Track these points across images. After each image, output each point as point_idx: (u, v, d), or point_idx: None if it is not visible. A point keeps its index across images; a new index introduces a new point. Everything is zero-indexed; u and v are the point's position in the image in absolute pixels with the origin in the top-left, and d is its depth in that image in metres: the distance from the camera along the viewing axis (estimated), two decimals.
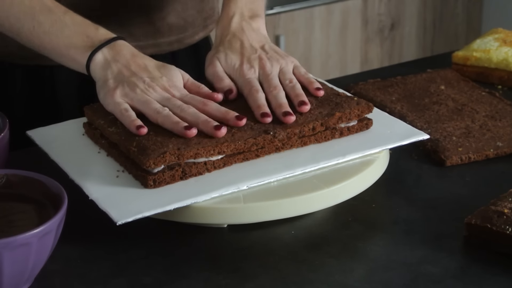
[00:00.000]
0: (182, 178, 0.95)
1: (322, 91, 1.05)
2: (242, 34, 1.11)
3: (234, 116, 0.98)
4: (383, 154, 1.02)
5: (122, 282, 0.88)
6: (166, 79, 1.03)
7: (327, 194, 0.95)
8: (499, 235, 0.90)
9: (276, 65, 1.08)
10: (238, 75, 1.07)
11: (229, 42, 1.10)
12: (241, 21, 1.12)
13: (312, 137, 1.01)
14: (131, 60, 1.03)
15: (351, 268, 0.90)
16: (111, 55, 1.03)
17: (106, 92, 1.01)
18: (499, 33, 1.37)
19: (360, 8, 2.77)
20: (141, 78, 1.01)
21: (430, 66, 1.35)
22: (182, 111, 0.98)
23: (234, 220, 0.93)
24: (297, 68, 1.09)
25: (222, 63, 1.09)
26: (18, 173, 0.90)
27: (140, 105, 0.99)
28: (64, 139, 1.05)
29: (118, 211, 0.89)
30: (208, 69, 1.09)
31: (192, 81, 1.05)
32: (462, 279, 0.88)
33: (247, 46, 1.09)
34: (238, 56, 1.08)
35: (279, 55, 1.09)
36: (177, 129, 0.96)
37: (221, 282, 0.88)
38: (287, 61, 1.09)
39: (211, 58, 1.10)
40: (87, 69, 1.04)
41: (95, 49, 1.03)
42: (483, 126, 1.15)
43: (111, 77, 1.02)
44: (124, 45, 1.05)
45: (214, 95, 1.03)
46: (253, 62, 1.08)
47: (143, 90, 1.00)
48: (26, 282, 0.85)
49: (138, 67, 1.03)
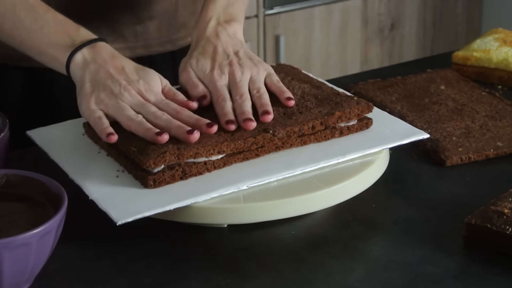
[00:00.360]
0: (182, 178, 0.95)
1: (292, 101, 1.03)
2: (216, 39, 1.09)
3: (205, 124, 0.97)
4: (383, 154, 1.02)
5: (122, 282, 0.88)
6: (143, 82, 1.02)
7: (327, 194, 0.95)
8: (499, 235, 0.90)
9: (247, 73, 1.06)
10: (208, 81, 1.06)
11: (203, 47, 1.09)
12: (216, 25, 1.11)
13: (312, 136, 1.01)
14: (109, 61, 1.02)
15: (351, 268, 0.90)
16: (91, 55, 1.03)
17: (82, 98, 1.01)
18: (499, 33, 1.37)
19: (360, 8, 2.77)
20: (117, 81, 1.01)
21: (430, 66, 1.35)
22: (156, 118, 0.98)
23: (234, 220, 0.93)
24: (269, 76, 1.07)
25: (194, 68, 1.07)
26: (18, 173, 0.90)
27: (114, 112, 0.99)
28: (64, 139, 1.05)
29: (118, 211, 0.89)
30: (181, 76, 1.08)
31: (169, 87, 1.04)
32: (462, 279, 0.88)
33: (220, 51, 1.08)
34: (210, 62, 1.07)
35: (252, 62, 1.07)
36: (149, 136, 0.95)
37: (221, 282, 0.88)
38: (259, 68, 1.07)
39: (184, 64, 1.09)
40: (67, 69, 1.03)
41: (75, 49, 1.03)
42: (483, 126, 1.15)
43: (88, 80, 1.01)
44: (104, 46, 1.04)
45: (189, 104, 1.02)
46: (224, 68, 1.06)
47: (117, 95, 0.99)
48: (26, 282, 0.85)
49: (116, 69, 1.02)
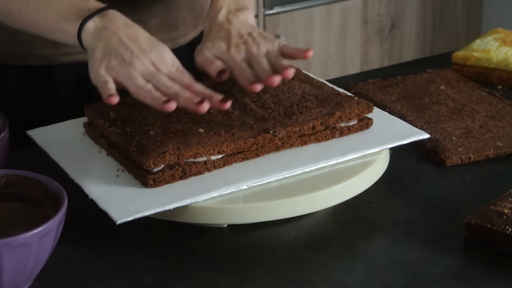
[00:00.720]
0: (182, 178, 0.95)
1: (311, 52, 1.05)
2: (228, 24, 1.11)
3: (219, 99, 0.97)
4: (383, 154, 1.02)
5: (122, 282, 0.88)
6: (156, 53, 1.01)
7: (327, 194, 0.95)
8: (499, 235, 0.90)
9: (262, 47, 1.08)
10: (226, 58, 1.07)
11: (216, 32, 1.10)
12: (228, 13, 1.12)
13: (312, 136, 1.01)
14: (122, 29, 1.02)
15: (351, 268, 0.90)
16: (102, 23, 1.01)
17: (92, 64, 1.00)
18: (499, 33, 1.37)
19: (360, 8, 2.77)
20: (129, 49, 1.00)
21: (430, 66, 1.35)
22: (166, 88, 0.97)
23: (234, 220, 0.93)
24: (284, 45, 1.08)
25: (210, 49, 1.08)
26: (18, 173, 0.90)
27: (124, 79, 0.98)
28: (64, 138, 1.05)
29: (118, 210, 0.89)
30: (197, 58, 1.09)
31: (181, 68, 1.03)
32: (462, 279, 0.88)
33: (234, 34, 1.09)
34: (225, 42, 1.08)
35: (266, 39, 1.09)
36: (156, 104, 0.95)
37: (221, 282, 0.88)
38: (274, 43, 1.09)
39: (199, 48, 1.10)
40: (79, 39, 1.02)
41: (86, 18, 1.02)
42: (483, 126, 1.15)
43: (100, 46, 1.00)
44: (117, 14, 1.03)
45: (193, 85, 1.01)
46: (240, 46, 1.08)
47: (129, 63, 0.99)
48: (26, 282, 0.85)
49: (128, 38, 1.01)
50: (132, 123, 1.00)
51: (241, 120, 1.00)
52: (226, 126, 0.99)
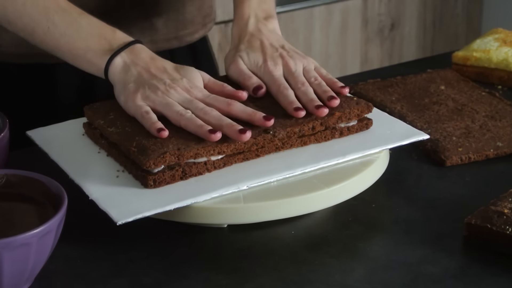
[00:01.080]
0: (182, 178, 0.95)
1: (347, 89, 1.05)
2: (260, 34, 1.11)
3: (262, 117, 0.97)
4: (383, 154, 1.02)
5: (122, 282, 0.88)
6: (187, 80, 1.02)
7: (327, 194, 0.95)
8: (499, 235, 0.90)
9: (299, 64, 1.08)
10: (263, 72, 1.07)
11: (249, 42, 1.10)
12: (257, 22, 1.13)
13: (312, 136, 1.01)
14: (150, 63, 1.03)
15: (351, 268, 0.90)
16: (130, 58, 1.02)
17: (127, 96, 1.00)
18: (499, 33, 1.37)
19: (360, 8, 2.77)
20: (161, 80, 1.00)
21: (430, 66, 1.35)
22: (206, 113, 0.97)
23: (234, 220, 0.93)
24: (318, 69, 1.09)
25: (245, 61, 1.08)
26: (18, 173, 0.90)
27: (162, 107, 0.98)
28: (64, 139, 1.05)
29: (118, 211, 0.89)
30: (231, 68, 1.09)
31: (213, 80, 1.04)
32: (462, 279, 0.88)
33: (267, 45, 1.10)
34: (260, 54, 1.09)
35: (299, 55, 1.10)
36: (201, 133, 0.95)
37: (221, 282, 0.88)
38: (308, 61, 1.09)
39: (232, 56, 1.10)
40: (105, 72, 1.03)
41: (114, 53, 1.02)
42: (483, 126, 1.15)
43: (132, 80, 1.01)
44: (143, 48, 1.04)
45: (238, 93, 1.02)
46: (276, 59, 1.08)
47: (164, 92, 0.99)
48: (26, 282, 0.85)
49: (158, 70, 1.02)
50: (132, 123, 1.00)
51: (241, 121, 0.99)
52: None
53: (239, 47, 1.10)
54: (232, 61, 1.09)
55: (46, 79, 1.26)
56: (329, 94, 1.03)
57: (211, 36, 1.46)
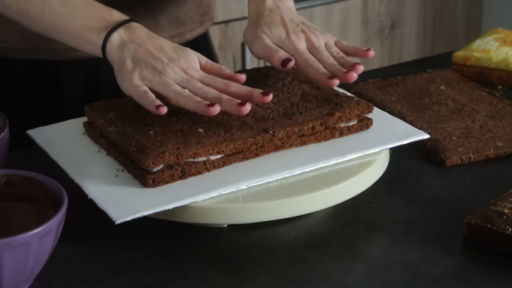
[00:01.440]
0: (181, 178, 0.95)
1: (372, 51, 1.07)
2: (279, 10, 1.12)
3: (260, 92, 0.98)
4: (383, 154, 1.02)
5: (122, 282, 0.88)
6: (184, 60, 1.01)
7: (327, 194, 0.95)
8: (499, 235, 0.90)
9: (321, 39, 1.09)
10: (287, 45, 1.07)
11: (269, 17, 1.11)
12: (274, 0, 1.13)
13: (312, 136, 1.01)
14: (147, 41, 1.02)
15: (351, 268, 0.90)
16: (128, 35, 1.02)
17: (124, 74, 1.00)
18: (499, 33, 1.37)
19: (360, 8, 2.77)
20: (159, 59, 1.00)
21: (430, 66, 1.35)
22: (204, 92, 0.97)
23: (234, 220, 0.93)
24: (339, 42, 1.11)
25: (268, 35, 1.09)
26: (18, 173, 0.90)
27: (160, 87, 0.98)
28: (64, 138, 1.05)
29: (117, 210, 0.89)
30: (255, 43, 1.09)
31: (211, 63, 1.04)
32: (462, 279, 0.88)
33: (287, 20, 1.10)
34: (283, 28, 1.09)
35: (318, 31, 1.11)
36: (200, 108, 0.95)
37: (221, 282, 0.88)
38: (328, 36, 1.11)
39: (254, 32, 1.10)
40: (103, 50, 1.03)
41: (111, 30, 1.02)
42: (483, 126, 1.15)
43: (128, 57, 1.00)
44: (139, 26, 1.04)
45: (236, 76, 1.02)
46: (299, 34, 1.09)
47: (162, 72, 0.99)
48: (26, 282, 0.85)
49: (155, 48, 1.02)
50: (132, 122, 1.00)
51: (240, 120, 1.00)
52: (226, 126, 0.99)
53: (259, 22, 1.11)
54: (255, 36, 1.09)
55: (50, 78, 1.26)
56: (352, 62, 1.05)
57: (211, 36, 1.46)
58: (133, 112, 1.02)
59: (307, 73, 1.05)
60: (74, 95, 1.27)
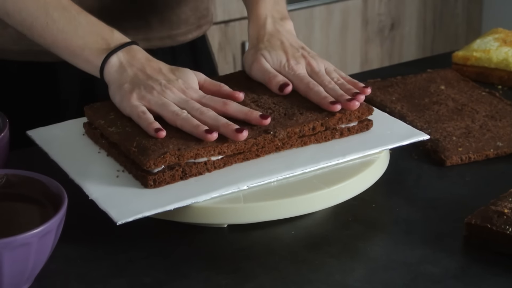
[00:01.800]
0: (182, 178, 0.95)
1: (369, 89, 1.06)
2: (279, 34, 1.12)
3: (258, 115, 0.98)
4: (383, 154, 1.02)
5: (122, 282, 0.88)
6: (182, 81, 1.02)
7: (327, 194, 0.95)
8: (499, 235, 0.90)
9: (321, 64, 1.09)
10: (287, 70, 1.07)
11: (269, 41, 1.11)
12: (274, 22, 1.13)
13: (312, 137, 1.01)
14: (146, 64, 1.03)
15: (351, 268, 0.90)
16: (127, 59, 1.03)
17: (122, 96, 1.00)
18: (499, 33, 1.37)
19: (360, 8, 2.77)
20: (157, 81, 1.01)
21: (430, 66, 1.35)
22: (202, 114, 0.98)
23: (234, 220, 0.93)
24: (337, 71, 1.10)
25: (268, 59, 1.09)
26: (18, 173, 0.90)
27: (158, 107, 0.99)
28: (64, 139, 1.05)
29: (118, 211, 0.89)
30: (253, 67, 1.09)
31: (210, 81, 1.04)
32: (462, 279, 0.88)
33: (287, 45, 1.10)
34: (283, 53, 1.09)
35: (318, 56, 1.11)
36: (198, 133, 0.95)
37: (221, 282, 0.88)
38: (327, 62, 1.11)
39: (253, 55, 1.10)
40: (101, 71, 1.03)
41: (111, 52, 1.03)
42: (483, 126, 1.15)
43: (127, 80, 1.01)
44: (139, 50, 1.04)
45: (235, 94, 1.02)
46: (299, 59, 1.09)
47: (160, 92, 0.99)
48: (26, 282, 0.85)
49: (153, 71, 1.02)
50: (133, 123, 1.00)
51: (241, 121, 1.00)
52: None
53: (258, 46, 1.11)
54: (254, 60, 1.09)
55: (47, 78, 1.26)
56: (353, 90, 1.04)
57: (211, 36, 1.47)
58: None
59: (308, 96, 1.04)
60: (71, 96, 1.27)
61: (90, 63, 1.04)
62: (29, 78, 1.26)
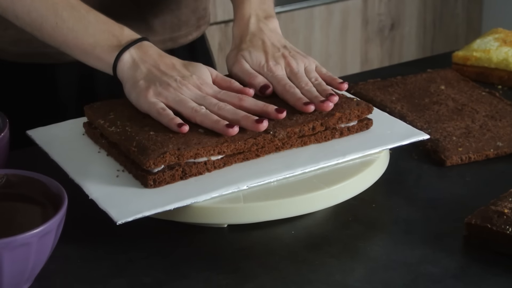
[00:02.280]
0: (182, 178, 0.95)
1: (346, 84, 1.07)
2: (262, 34, 1.12)
3: (274, 109, 0.99)
4: (383, 154, 1.02)
5: (122, 282, 0.88)
6: (196, 77, 1.02)
7: (327, 194, 0.95)
8: (499, 235, 0.90)
9: (301, 63, 1.09)
10: (266, 71, 1.07)
11: (250, 41, 1.11)
12: (258, 21, 1.13)
13: (312, 137, 1.01)
14: (158, 60, 1.03)
15: (351, 268, 0.90)
16: (139, 55, 1.03)
17: (138, 93, 1.00)
18: (499, 33, 1.37)
19: (360, 8, 2.77)
20: (172, 77, 1.01)
21: (430, 66, 1.35)
22: (220, 109, 0.98)
23: (234, 220, 0.93)
24: (318, 68, 1.10)
25: (248, 60, 1.09)
26: (18, 173, 0.90)
27: (176, 104, 0.99)
28: (64, 138, 1.05)
29: (118, 210, 0.89)
30: (234, 68, 1.09)
31: (221, 76, 1.05)
32: (462, 279, 0.88)
33: (269, 44, 1.10)
34: (263, 54, 1.09)
35: (300, 54, 1.10)
36: (218, 128, 0.96)
37: (221, 282, 0.88)
38: (310, 60, 1.10)
39: (235, 56, 1.10)
40: (114, 68, 1.03)
41: (123, 49, 1.03)
42: (483, 126, 1.15)
43: (142, 77, 1.01)
44: (150, 45, 1.04)
45: (246, 90, 1.03)
46: (278, 59, 1.09)
47: (176, 89, 1.00)
48: (26, 282, 0.85)
49: (167, 67, 1.02)
50: (132, 123, 1.00)
51: None
52: None
53: (240, 46, 1.11)
54: (235, 61, 1.09)
55: (46, 79, 1.26)
56: (328, 92, 1.04)
57: (211, 36, 1.47)
58: (134, 113, 1.02)
59: (285, 98, 1.04)
60: (70, 96, 1.27)
61: (102, 61, 1.04)
62: (29, 78, 1.26)
